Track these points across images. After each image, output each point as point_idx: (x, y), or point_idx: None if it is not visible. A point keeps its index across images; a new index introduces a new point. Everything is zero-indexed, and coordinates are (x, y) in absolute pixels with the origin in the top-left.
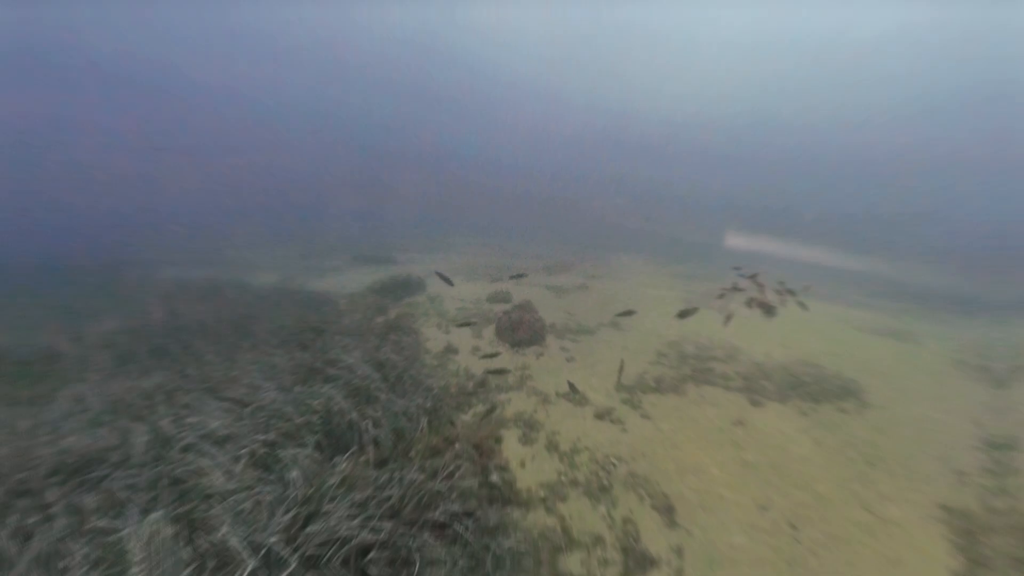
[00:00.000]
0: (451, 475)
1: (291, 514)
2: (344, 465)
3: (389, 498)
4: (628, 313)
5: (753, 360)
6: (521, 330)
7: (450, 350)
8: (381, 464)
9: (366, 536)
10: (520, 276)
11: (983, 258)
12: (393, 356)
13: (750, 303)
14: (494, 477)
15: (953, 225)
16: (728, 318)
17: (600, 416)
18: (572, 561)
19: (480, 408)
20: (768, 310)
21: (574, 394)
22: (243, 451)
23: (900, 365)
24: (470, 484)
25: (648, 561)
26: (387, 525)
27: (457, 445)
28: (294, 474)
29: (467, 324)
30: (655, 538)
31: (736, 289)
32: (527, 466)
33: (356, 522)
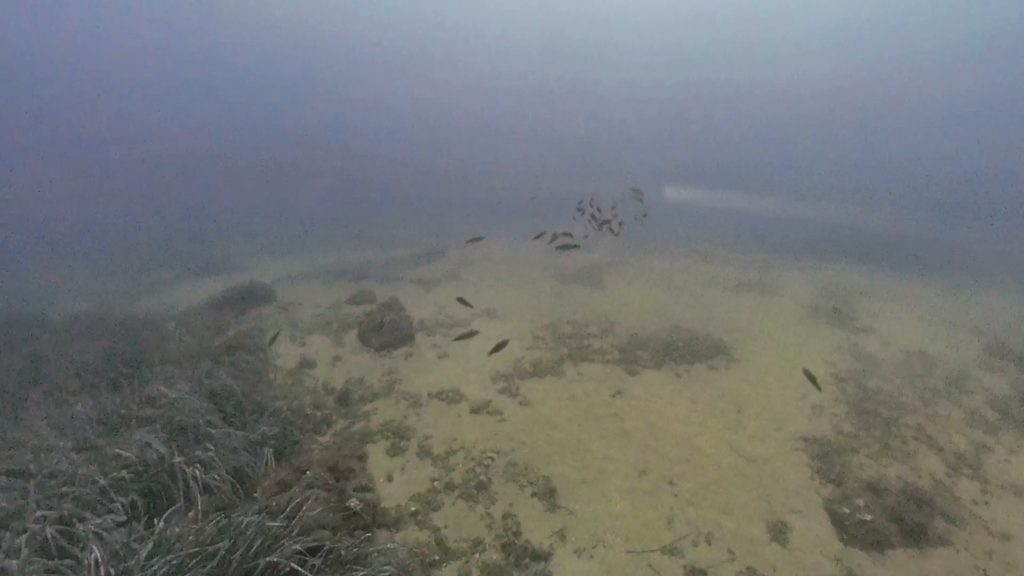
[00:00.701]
0: (298, 508)
1: None
2: (162, 525)
3: (216, 552)
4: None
5: (629, 332)
6: (386, 331)
7: (305, 364)
8: (215, 513)
9: None
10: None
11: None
12: (230, 381)
13: (597, 226)
14: (353, 501)
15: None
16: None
17: (476, 410)
18: (447, 574)
19: (341, 424)
20: (610, 229)
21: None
22: (22, 538)
23: (764, 318)
24: (321, 515)
25: (529, 553)
26: None
27: (308, 472)
28: (94, 553)
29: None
30: (537, 526)
31: (593, 218)
32: (396, 479)
33: None
